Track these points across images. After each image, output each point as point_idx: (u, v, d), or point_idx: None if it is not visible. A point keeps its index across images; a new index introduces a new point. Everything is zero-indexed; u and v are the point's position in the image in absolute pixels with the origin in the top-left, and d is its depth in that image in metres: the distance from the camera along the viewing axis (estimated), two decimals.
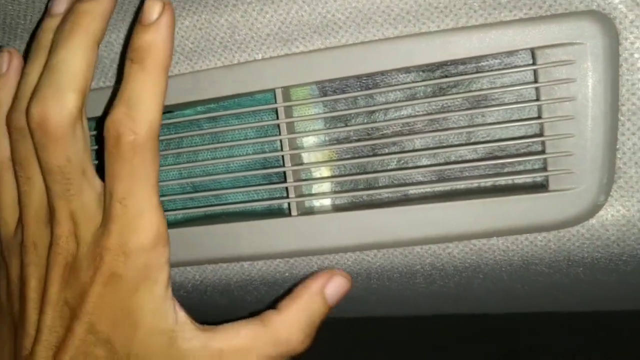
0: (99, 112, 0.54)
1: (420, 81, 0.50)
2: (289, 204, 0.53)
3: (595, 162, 0.46)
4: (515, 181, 0.50)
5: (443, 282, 0.56)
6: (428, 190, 0.52)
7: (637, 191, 0.47)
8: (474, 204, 0.49)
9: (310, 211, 0.53)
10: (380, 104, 0.52)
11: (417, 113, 0.52)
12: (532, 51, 0.47)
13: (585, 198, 0.47)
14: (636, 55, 0.45)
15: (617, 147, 0.47)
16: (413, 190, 0.52)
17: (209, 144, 0.56)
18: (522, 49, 0.47)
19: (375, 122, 0.52)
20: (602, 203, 0.47)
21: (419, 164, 0.52)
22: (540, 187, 0.49)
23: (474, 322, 1.11)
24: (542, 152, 0.48)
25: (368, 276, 0.56)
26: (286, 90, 0.52)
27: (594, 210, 0.47)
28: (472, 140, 0.51)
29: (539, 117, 0.48)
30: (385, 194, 0.52)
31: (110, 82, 0.55)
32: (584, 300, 0.66)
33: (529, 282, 0.57)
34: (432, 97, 0.50)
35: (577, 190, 0.47)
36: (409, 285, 0.57)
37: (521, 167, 0.51)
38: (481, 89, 0.49)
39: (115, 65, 0.55)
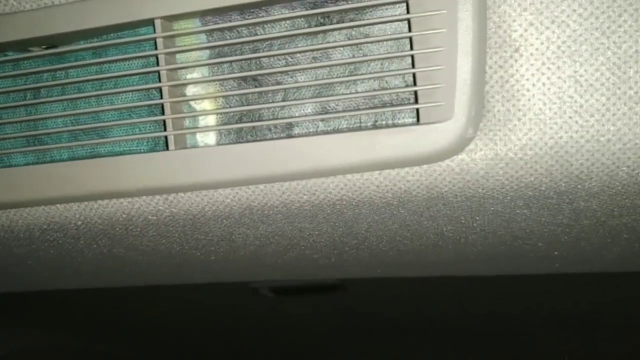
0: None
1: (302, 13, 0.50)
2: (166, 137, 0.52)
3: (464, 94, 0.46)
4: (396, 122, 0.50)
5: (327, 223, 0.56)
6: (312, 130, 0.52)
7: (504, 125, 0.47)
8: (349, 137, 0.49)
9: (192, 147, 0.53)
10: (265, 37, 0.51)
11: (299, 48, 0.51)
12: None
13: (454, 131, 0.47)
14: None
15: (485, 80, 0.47)
16: (297, 130, 0.52)
17: (93, 76, 0.55)
18: None
19: (259, 54, 0.52)
20: (471, 136, 0.47)
21: (302, 99, 0.52)
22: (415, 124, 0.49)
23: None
24: (414, 84, 0.48)
25: (251, 216, 0.55)
26: (167, 22, 0.52)
27: (463, 143, 0.47)
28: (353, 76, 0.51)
29: (411, 49, 0.48)
30: (268, 132, 0.52)
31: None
32: (476, 261, 0.66)
33: (415, 230, 0.57)
34: (313, 29, 0.50)
35: (446, 123, 0.47)
36: (289, 225, 0.57)
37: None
38: (358, 24, 0.49)
39: None
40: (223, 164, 0.51)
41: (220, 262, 0.69)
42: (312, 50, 0.51)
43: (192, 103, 0.53)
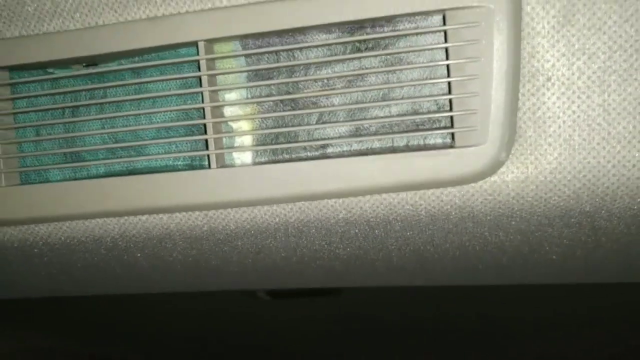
0: None
1: (339, 40, 0.52)
2: (208, 156, 0.54)
3: (498, 120, 0.49)
4: (427, 142, 0.53)
5: (357, 239, 0.58)
6: (345, 149, 0.54)
7: (535, 150, 0.50)
8: (385, 159, 0.51)
9: (229, 165, 0.55)
10: (302, 62, 0.53)
11: (335, 73, 0.53)
12: (443, 13, 0.50)
13: (488, 155, 0.49)
14: (536, 20, 0.48)
15: (518, 107, 0.49)
16: (331, 149, 0.54)
17: (132, 95, 0.56)
18: (432, 10, 0.49)
19: (296, 78, 0.54)
20: (503, 160, 0.50)
21: (337, 121, 0.54)
22: (449, 147, 0.51)
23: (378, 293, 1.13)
24: (450, 109, 0.50)
25: (285, 231, 0.57)
26: (209, 44, 0.53)
27: (495, 166, 0.50)
28: (387, 99, 0.54)
29: (448, 77, 0.50)
30: (303, 151, 0.54)
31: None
32: (490, 271, 0.69)
33: (439, 244, 0.59)
34: (350, 56, 0.52)
35: (480, 147, 0.49)
36: (324, 243, 0.59)
37: (435, 127, 0.53)
38: (395, 52, 0.51)
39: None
40: (261, 183, 0.53)
41: (242, 271, 0.71)
42: (347, 76, 0.53)
43: (230, 122, 0.55)
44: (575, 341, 1.39)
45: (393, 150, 0.53)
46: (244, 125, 0.56)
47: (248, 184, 0.53)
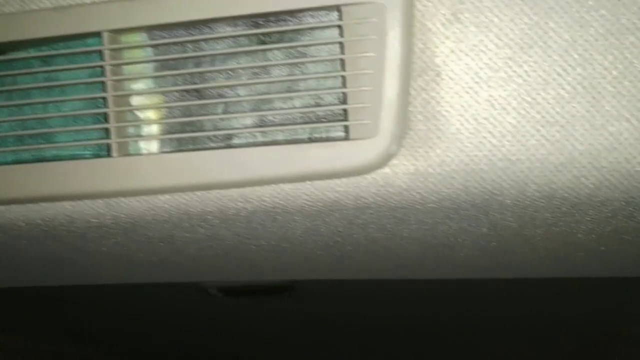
0: None
1: (244, 32, 0.53)
2: (109, 145, 0.55)
3: (389, 114, 0.50)
4: (330, 135, 0.54)
5: (261, 230, 0.60)
6: (250, 141, 0.55)
7: (424, 143, 0.51)
8: (284, 149, 0.52)
9: (134, 154, 0.55)
10: (208, 53, 0.54)
11: (240, 64, 0.55)
12: (339, 9, 0.51)
13: (379, 147, 0.51)
14: (427, 17, 0.50)
15: (410, 101, 0.51)
16: (237, 140, 0.55)
17: (41, 83, 0.57)
18: (328, 5, 0.50)
19: (202, 69, 0.54)
20: (394, 152, 0.51)
21: (242, 112, 0.55)
22: (345, 139, 0.53)
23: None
24: (345, 103, 0.52)
25: (189, 221, 0.58)
26: (114, 34, 0.54)
27: (386, 158, 0.51)
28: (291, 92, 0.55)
29: (344, 70, 0.51)
30: (209, 141, 0.55)
31: None
32: (404, 264, 0.71)
33: (347, 235, 0.61)
34: (254, 48, 0.53)
35: (371, 140, 0.51)
36: (226, 230, 0.60)
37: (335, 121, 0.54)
38: (295, 45, 0.53)
39: None
40: (163, 172, 0.54)
41: (163, 262, 0.72)
42: (253, 67, 0.54)
43: (136, 112, 0.56)
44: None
45: (295, 142, 0.54)
46: (151, 115, 0.56)
47: (149, 173, 0.54)
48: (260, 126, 0.55)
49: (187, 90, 0.55)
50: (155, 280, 0.81)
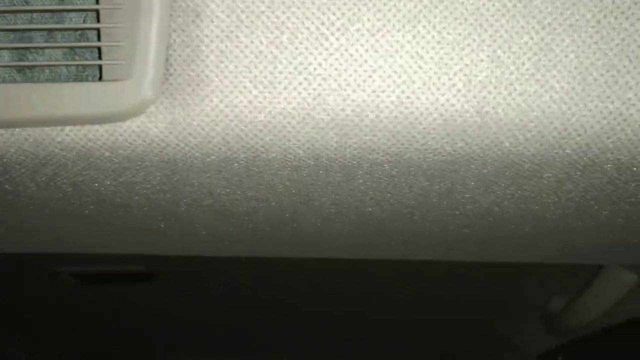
0: None
1: None
2: None
3: (144, 54, 0.46)
4: (87, 75, 0.49)
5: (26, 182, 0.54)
6: (9, 80, 0.49)
7: (183, 91, 0.47)
8: (33, 88, 0.47)
9: None
10: None
11: None
12: None
13: (133, 91, 0.46)
14: None
15: (170, 43, 0.47)
16: None
17: None
18: None
19: None
20: (151, 98, 0.47)
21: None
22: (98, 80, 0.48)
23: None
24: (98, 40, 0.47)
25: None
26: None
27: (143, 105, 0.47)
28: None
29: (97, 4, 0.47)
30: None
31: None
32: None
33: (129, 189, 0.56)
34: None
35: (125, 82, 0.46)
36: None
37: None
38: None
39: None
40: None
41: None
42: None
43: None
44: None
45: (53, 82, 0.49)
46: None
47: None
48: (20, 63, 0.49)
49: None
50: None
